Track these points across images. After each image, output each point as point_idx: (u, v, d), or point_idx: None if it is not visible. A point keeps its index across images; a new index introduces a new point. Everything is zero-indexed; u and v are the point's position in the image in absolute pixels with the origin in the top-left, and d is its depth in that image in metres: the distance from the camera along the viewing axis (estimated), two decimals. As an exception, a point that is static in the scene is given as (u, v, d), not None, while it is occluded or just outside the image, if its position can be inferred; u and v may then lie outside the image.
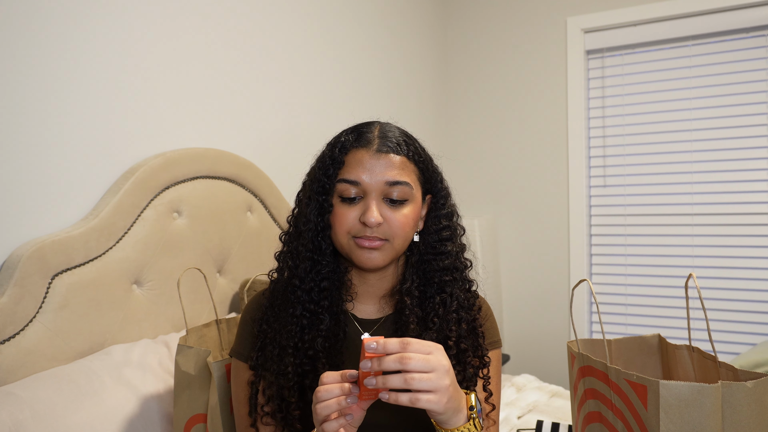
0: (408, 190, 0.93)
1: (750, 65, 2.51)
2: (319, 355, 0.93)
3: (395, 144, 0.94)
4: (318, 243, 0.96)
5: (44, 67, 1.30)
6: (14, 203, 1.25)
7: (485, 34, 3.05)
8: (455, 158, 3.14)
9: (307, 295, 0.96)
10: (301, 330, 0.95)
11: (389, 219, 0.92)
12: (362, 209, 0.92)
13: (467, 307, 1.00)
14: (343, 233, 0.94)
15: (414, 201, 0.95)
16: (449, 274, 0.99)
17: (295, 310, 0.95)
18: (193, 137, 1.69)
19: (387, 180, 0.92)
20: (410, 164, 0.95)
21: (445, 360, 0.76)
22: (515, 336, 3.04)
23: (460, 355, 0.97)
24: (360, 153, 0.93)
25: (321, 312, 0.95)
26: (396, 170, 0.92)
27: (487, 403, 0.99)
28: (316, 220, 0.95)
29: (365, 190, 0.92)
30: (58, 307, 1.26)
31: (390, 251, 0.94)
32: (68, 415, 1.11)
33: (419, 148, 0.99)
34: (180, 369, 1.16)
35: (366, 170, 0.92)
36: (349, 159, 0.93)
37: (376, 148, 0.93)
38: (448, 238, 1.00)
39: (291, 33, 2.07)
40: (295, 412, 0.93)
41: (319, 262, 0.96)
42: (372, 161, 0.92)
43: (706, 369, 0.90)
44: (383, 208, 0.92)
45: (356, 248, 0.93)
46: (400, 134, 0.97)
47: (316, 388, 0.89)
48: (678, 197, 2.67)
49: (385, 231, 0.93)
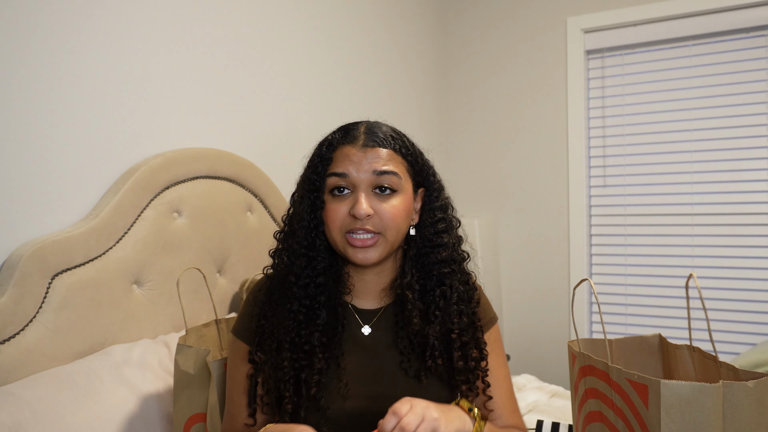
0: (396, 179, 0.94)
1: (750, 65, 2.51)
2: (316, 350, 0.94)
3: (382, 138, 0.96)
4: (312, 240, 0.97)
5: (44, 67, 1.30)
6: (14, 203, 1.25)
7: (485, 34, 3.05)
8: (455, 158, 3.14)
9: (303, 290, 0.97)
10: (298, 325, 0.96)
11: (379, 210, 0.93)
12: (352, 202, 0.93)
13: (467, 299, 1.02)
14: (336, 229, 0.95)
15: (404, 192, 0.96)
16: (448, 266, 1.00)
17: (292, 306, 0.96)
18: (193, 137, 1.69)
19: (374, 169, 0.93)
20: (398, 156, 0.97)
21: (417, 404, 0.83)
22: (515, 336, 3.04)
23: (463, 347, 0.98)
24: (347, 148, 0.95)
25: (318, 307, 0.96)
26: (383, 161, 0.94)
27: (485, 395, 1.01)
28: (309, 217, 0.97)
29: (354, 182, 0.93)
30: (58, 307, 1.26)
31: (384, 245, 0.95)
32: (68, 415, 1.11)
33: (407, 142, 1.01)
34: (179, 368, 1.16)
35: (353, 163, 0.93)
36: (336, 155, 0.96)
37: (363, 143, 0.95)
38: (444, 230, 1.02)
39: (291, 33, 2.07)
40: (287, 406, 0.94)
41: (314, 258, 0.97)
42: (359, 154, 0.94)
43: (706, 369, 0.90)
44: (373, 200, 0.94)
45: (350, 247, 0.94)
46: (388, 129, 1.00)
47: (311, 382, 0.90)
48: (678, 197, 2.66)
49: (376, 223, 0.94)
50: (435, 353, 0.97)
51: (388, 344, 1.00)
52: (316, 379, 0.93)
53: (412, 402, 0.83)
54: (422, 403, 0.83)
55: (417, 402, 0.83)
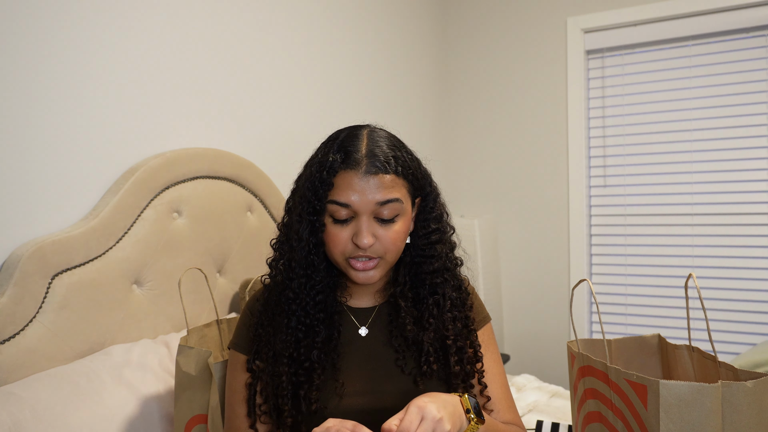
0: (399, 206, 0.94)
1: (750, 65, 2.51)
2: (315, 365, 0.95)
3: (383, 162, 0.92)
4: (311, 260, 0.97)
5: (44, 67, 1.30)
6: (14, 203, 1.25)
7: (485, 34, 3.05)
8: (455, 158, 3.14)
9: (302, 309, 0.97)
10: (297, 342, 0.97)
11: (381, 237, 0.93)
12: (354, 229, 0.93)
13: (459, 305, 1.03)
14: (338, 254, 0.95)
15: (405, 214, 0.96)
16: (440, 276, 1.01)
17: (290, 322, 0.97)
18: (193, 137, 1.69)
19: (377, 200, 0.92)
20: (400, 180, 0.94)
21: (413, 406, 0.81)
22: (515, 336, 3.04)
23: (459, 352, 0.99)
24: (349, 175, 0.92)
25: (317, 325, 0.97)
26: (386, 189, 0.92)
27: (483, 396, 1.02)
28: (308, 239, 0.96)
29: (356, 210, 0.92)
30: (58, 307, 1.26)
31: (384, 266, 0.97)
32: (68, 415, 1.11)
33: (407, 158, 0.97)
34: (181, 369, 1.16)
35: (356, 192, 0.91)
36: (338, 181, 0.92)
37: (365, 170, 0.91)
38: (437, 240, 1.02)
39: (291, 34, 2.07)
40: (287, 420, 0.95)
41: (312, 278, 0.97)
42: (362, 183, 0.91)
43: (706, 369, 0.90)
44: (375, 227, 0.93)
45: (352, 270, 0.95)
46: (388, 147, 0.95)
47: (310, 398, 0.91)
48: (678, 197, 2.66)
49: (377, 249, 0.94)
50: (430, 359, 0.98)
51: (383, 342, 1.01)
52: (315, 395, 0.94)
53: (407, 407, 0.82)
54: (413, 408, 0.82)
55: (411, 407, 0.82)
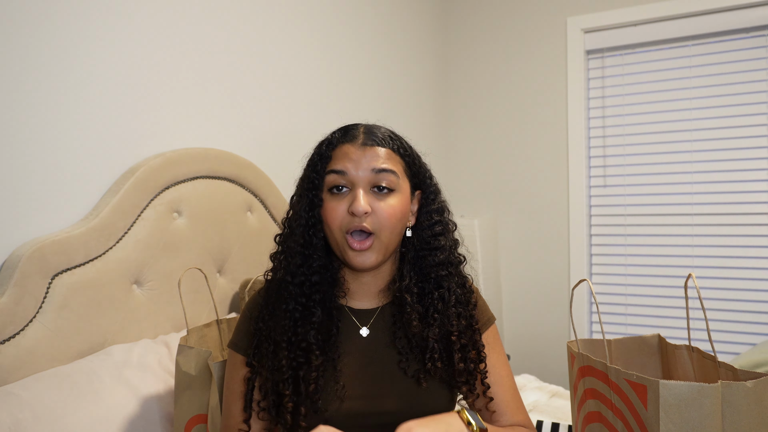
0: (394, 178, 0.96)
1: (750, 65, 2.51)
2: (312, 347, 0.95)
3: (380, 138, 0.98)
4: (309, 237, 0.97)
5: (44, 67, 1.30)
6: (14, 203, 1.25)
7: (485, 34, 3.05)
8: (455, 158, 3.14)
9: (298, 289, 0.97)
10: (294, 324, 0.96)
11: (376, 209, 0.94)
12: (350, 200, 0.94)
13: (464, 302, 1.02)
14: (336, 228, 0.95)
15: (401, 192, 0.97)
16: (445, 268, 1.01)
17: (287, 305, 0.97)
18: (193, 137, 1.69)
19: (373, 167, 0.94)
20: (396, 156, 0.98)
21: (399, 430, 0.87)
22: (515, 336, 3.04)
23: (463, 349, 0.99)
24: (346, 147, 0.97)
25: (313, 305, 0.97)
26: (381, 159, 0.95)
27: (486, 396, 1.02)
28: (307, 215, 0.97)
29: (352, 180, 0.94)
30: (58, 307, 1.26)
31: (380, 247, 0.95)
32: (68, 415, 1.11)
33: (405, 144, 1.02)
34: (181, 369, 1.16)
35: (352, 161, 0.95)
36: (336, 153, 0.97)
37: (362, 142, 0.97)
38: (441, 232, 1.02)
39: (291, 34, 2.07)
40: (288, 404, 0.94)
41: (309, 257, 0.98)
42: (358, 152, 0.95)
43: (705, 369, 0.90)
44: (371, 198, 0.95)
45: (348, 250, 0.95)
46: (386, 131, 1.01)
47: (309, 379, 0.90)
48: (678, 197, 2.66)
49: (373, 221, 0.94)
50: (435, 356, 0.97)
51: (386, 344, 1.00)
52: (314, 376, 0.93)
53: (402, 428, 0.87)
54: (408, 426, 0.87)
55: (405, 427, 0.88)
